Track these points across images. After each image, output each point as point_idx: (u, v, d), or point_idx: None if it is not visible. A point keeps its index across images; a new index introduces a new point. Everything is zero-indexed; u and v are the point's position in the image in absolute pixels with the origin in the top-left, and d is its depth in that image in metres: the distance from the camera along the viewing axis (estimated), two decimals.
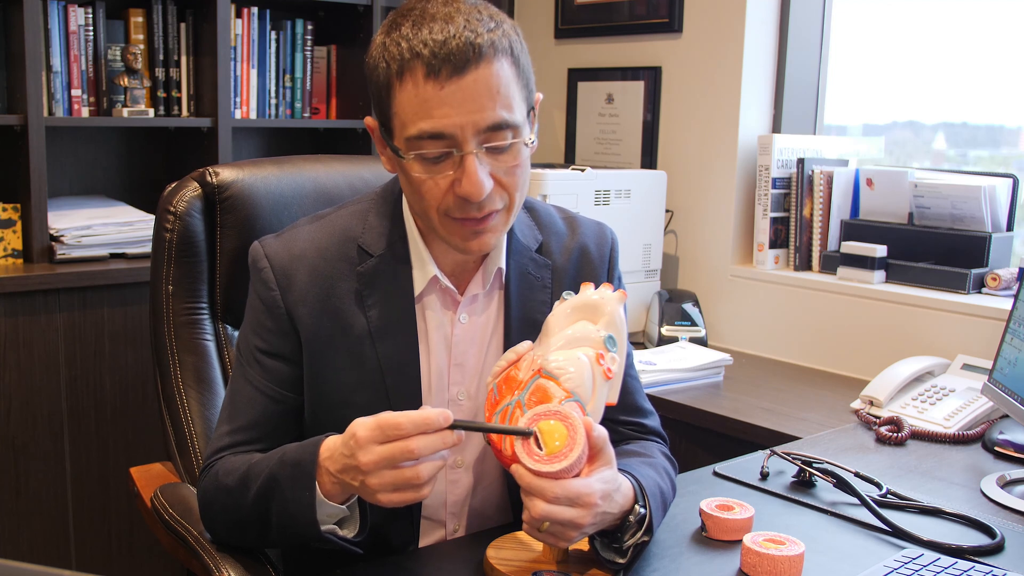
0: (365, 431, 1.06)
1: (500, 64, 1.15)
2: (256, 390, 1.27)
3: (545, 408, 1.11)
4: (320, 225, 1.31)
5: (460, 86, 1.12)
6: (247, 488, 1.18)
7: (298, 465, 1.13)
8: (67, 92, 2.48)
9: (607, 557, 1.15)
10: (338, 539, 1.14)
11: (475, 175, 1.14)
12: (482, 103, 1.13)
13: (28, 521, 2.31)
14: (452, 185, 1.16)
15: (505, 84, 1.15)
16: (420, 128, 1.14)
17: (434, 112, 1.13)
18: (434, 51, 1.12)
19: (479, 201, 1.16)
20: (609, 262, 1.41)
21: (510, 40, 1.17)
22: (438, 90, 1.12)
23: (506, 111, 1.15)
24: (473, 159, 1.14)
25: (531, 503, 1.07)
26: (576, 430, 1.09)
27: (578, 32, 2.95)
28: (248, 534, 1.22)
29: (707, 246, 2.67)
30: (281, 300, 1.26)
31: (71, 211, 2.49)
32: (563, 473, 1.07)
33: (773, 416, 1.98)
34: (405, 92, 1.14)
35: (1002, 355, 1.69)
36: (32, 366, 2.28)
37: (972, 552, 1.28)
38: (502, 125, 1.15)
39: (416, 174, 1.17)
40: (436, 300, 1.30)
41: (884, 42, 2.59)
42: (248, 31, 2.72)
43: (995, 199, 2.22)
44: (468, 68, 1.12)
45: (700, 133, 2.67)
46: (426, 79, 1.12)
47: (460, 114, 1.13)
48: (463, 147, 1.14)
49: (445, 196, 1.17)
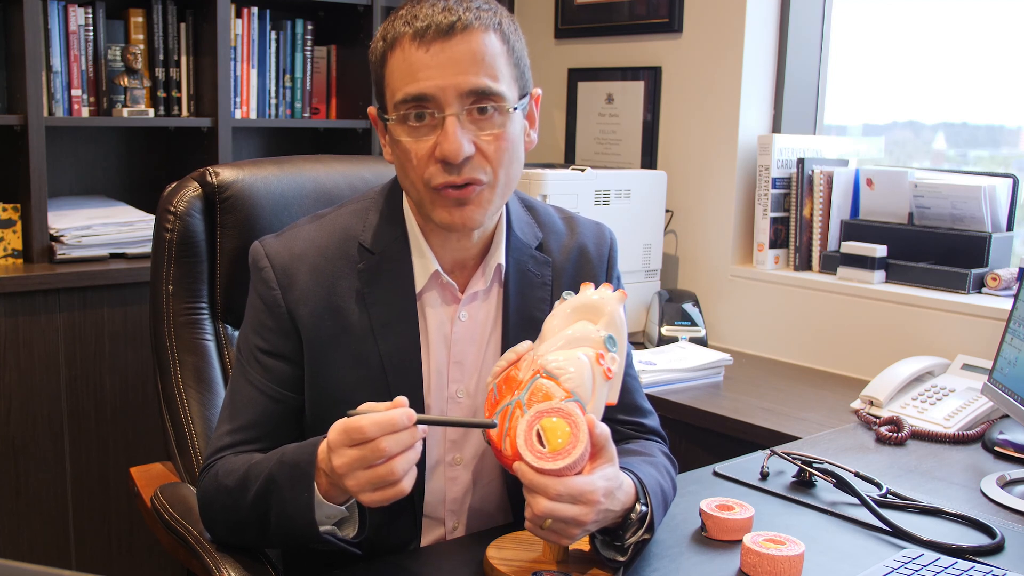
0: (334, 435, 1.06)
1: (488, 36, 1.18)
2: (256, 390, 1.27)
3: (547, 405, 1.11)
4: (320, 224, 1.31)
5: (444, 48, 1.16)
6: (246, 489, 1.18)
7: (296, 466, 1.13)
8: (67, 92, 2.48)
9: (607, 555, 1.15)
10: (337, 540, 1.14)
11: (453, 134, 1.16)
12: (465, 67, 1.16)
13: (28, 521, 2.31)
14: (433, 150, 1.18)
15: (491, 55, 1.18)
16: (405, 92, 1.17)
17: (419, 75, 1.16)
18: (422, 19, 1.16)
19: (458, 163, 1.17)
20: (608, 262, 1.42)
21: (501, 19, 1.21)
22: (423, 53, 1.16)
23: (490, 79, 1.17)
24: (454, 120, 1.16)
25: (534, 500, 1.07)
26: (579, 427, 1.09)
27: (578, 32, 2.95)
28: (248, 534, 1.22)
29: (707, 246, 2.67)
30: (282, 299, 1.26)
31: (71, 211, 2.49)
32: (566, 470, 1.07)
33: (773, 416, 1.98)
34: (395, 60, 1.18)
35: (1002, 355, 1.69)
36: (32, 366, 2.28)
37: (972, 552, 1.28)
38: (485, 92, 1.17)
39: (403, 139, 1.19)
40: (437, 297, 1.30)
41: (884, 42, 2.59)
42: (248, 31, 2.73)
43: (995, 199, 2.22)
44: (454, 34, 1.16)
45: (700, 133, 2.67)
46: (412, 43, 1.16)
47: (443, 76, 1.15)
48: (444, 108, 1.16)
49: (428, 163, 1.19)
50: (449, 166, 1.17)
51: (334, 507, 1.13)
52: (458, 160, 1.16)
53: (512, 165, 1.23)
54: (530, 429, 1.10)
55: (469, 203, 1.21)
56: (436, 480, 1.32)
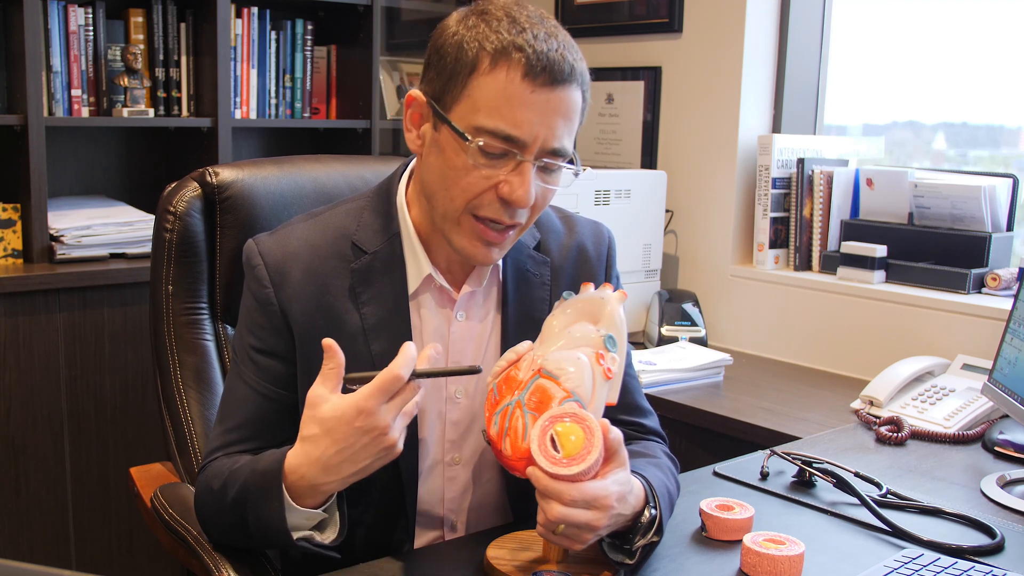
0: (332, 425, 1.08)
1: (579, 94, 1.19)
2: (250, 388, 1.27)
3: (561, 409, 1.10)
4: (314, 223, 1.31)
5: (549, 98, 1.14)
6: (226, 494, 1.19)
7: (265, 475, 1.13)
8: (67, 92, 2.48)
9: (616, 558, 1.15)
10: (313, 545, 1.14)
11: (529, 183, 1.16)
12: (558, 122, 1.16)
13: (28, 521, 2.31)
14: (496, 185, 1.17)
15: (576, 113, 1.19)
16: (497, 123, 1.14)
17: (517, 112, 1.14)
18: (537, 54, 1.14)
19: (516, 209, 1.18)
20: (607, 261, 1.42)
21: (586, 79, 1.21)
22: (529, 92, 1.14)
23: (569, 139, 1.19)
24: (531, 168, 1.16)
25: (548, 506, 1.07)
26: (593, 433, 1.08)
27: (578, 32, 2.93)
28: (235, 536, 1.23)
29: (707, 246, 2.67)
30: (275, 297, 1.26)
31: (71, 211, 2.49)
32: (580, 476, 1.07)
33: (773, 416, 1.98)
34: (495, 79, 1.14)
35: (1002, 355, 1.69)
36: (32, 366, 2.28)
37: (972, 552, 1.28)
38: (562, 153, 1.18)
39: (467, 160, 1.16)
40: (431, 298, 1.30)
41: (884, 42, 2.59)
42: (248, 31, 2.73)
43: (995, 199, 2.22)
44: (561, 84, 1.15)
45: (700, 133, 2.67)
46: (523, 77, 1.13)
47: (540, 126, 1.14)
48: (527, 154, 1.15)
49: (484, 193, 1.17)
50: (508, 207, 1.18)
51: (310, 511, 1.13)
52: (524, 208, 1.18)
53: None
54: (544, 434, 1.09)
55: (499, 246, 1.22)
56: (434, 479, 1.31)
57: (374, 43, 2.87)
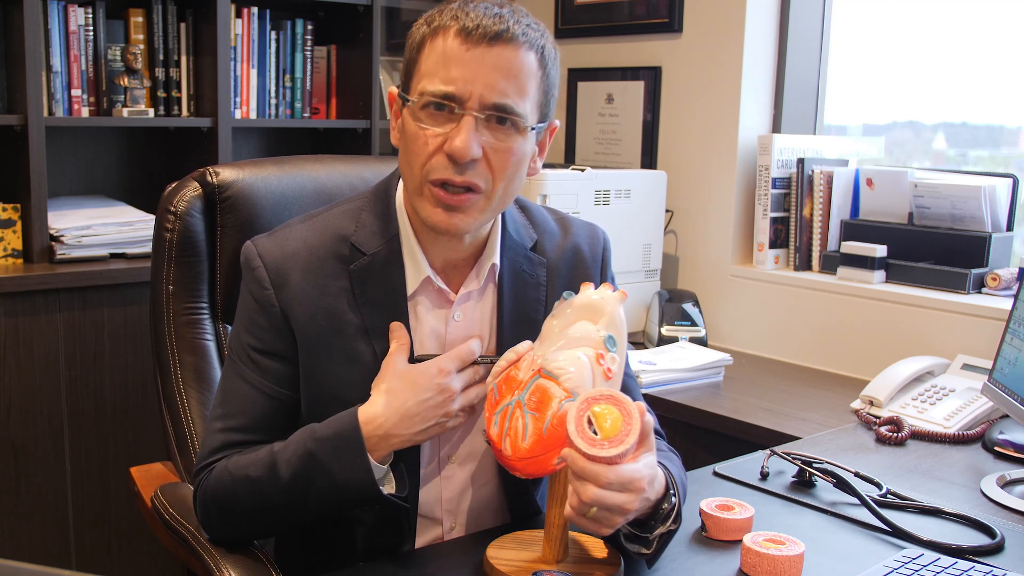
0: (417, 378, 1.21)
1: (528, 54, 1.19)
2: (252, 388, 1.27)
3: (597, 391, 1.10)
4: (313, 224, 1.31)
5: (485, 53, 1.16)
6: (277, 475, 1.19)
7: (339, 437, 1.17)
8: (67, 92, 2.48)
9: (632, 548, 1.15)
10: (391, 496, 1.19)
11: (466, 133, 1.16)
12: (496, 79, 1.17)
13: (28, 521, 2.31)
14: (443, 144, 1.18)
15: (525, 73, 1.19)
16: (435, 82, 1.17)
17: (452, 69, 1.16)
18: (471, 17, 1.17)
19: (462, 164, 1.17)
20: (602, 262, 1.43)
21: (545, 44, 1.22)
22: (464, 50, 1.16)
23: (516, 98, 1.18)
24: (471, 120, 1.17)
25: (582, 488, 1.07)
26: (631, 415, 1.08)
27: (578, 32, 2.95)
28: (268, 521, 1.24)
29: (707, 246, 2.67)
30: (275, 298, 1.26)
31: (71, 211, 2.49)
32: (618, 458, 1.06)
33: (773, 416, 1.98)
34: (433, 48, 1.19)
35: (1002, 355, 1.69)
36: (32, 366, 2.28)
37: (972, 552, 1.28)
38: (507, 110, 1.18)
39: (416, 124, 1.19)
40: (428, 299, 1.30)
41: (884, 42, 2.59)
42: (248, 31, 2.73)
43: (995, 199, 2.22)
44: (499, 42, 1.17)
45: (700, 133, 2.67)
46: (456, 37, 1.17)
47: (475, 79, 1.16)
48: (465, 106, 1.17)
49: (433, 155, 1.19)
50: (453, 163, 1.18)
51: (380, 468, 1.19)
52: (464, 159, 1.17)
53: (512, 181, 1.23)
54: (581, 416, 1.09)
55: (459, 210, 1.21)
56: (432, 479, 1.31)
57: (374, 43, 2.87)
